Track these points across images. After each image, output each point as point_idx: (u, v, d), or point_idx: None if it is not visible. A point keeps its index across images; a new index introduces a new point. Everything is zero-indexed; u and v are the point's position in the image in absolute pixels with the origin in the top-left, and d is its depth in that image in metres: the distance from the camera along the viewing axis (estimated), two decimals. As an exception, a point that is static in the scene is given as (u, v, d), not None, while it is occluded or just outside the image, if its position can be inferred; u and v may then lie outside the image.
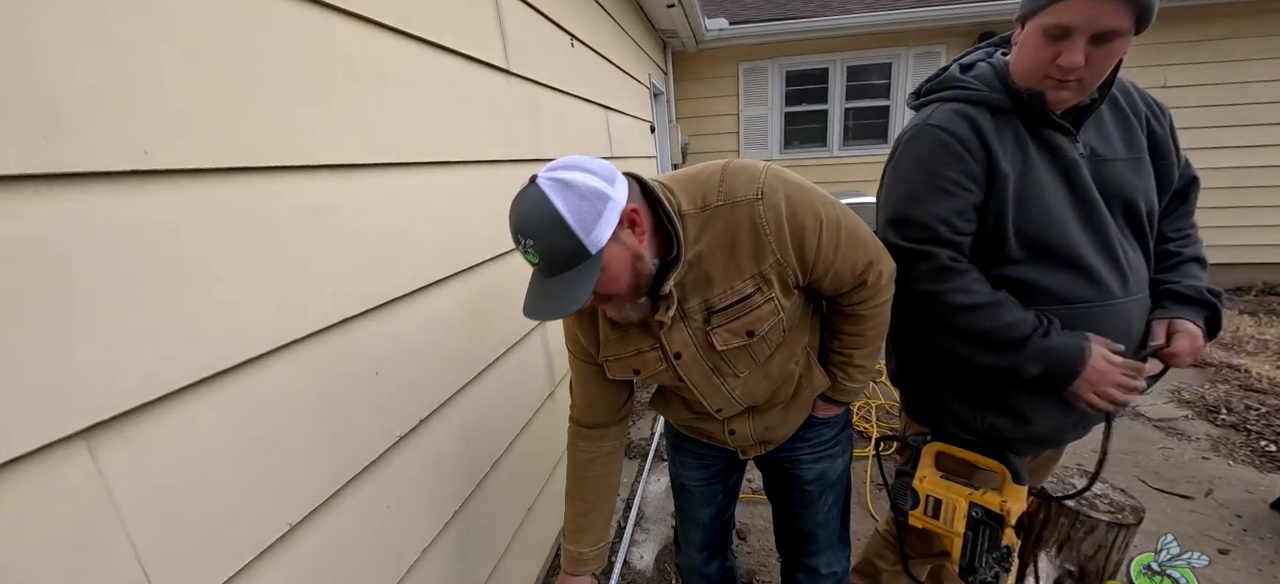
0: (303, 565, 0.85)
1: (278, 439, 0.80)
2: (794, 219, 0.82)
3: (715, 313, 0.86)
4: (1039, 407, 1.01)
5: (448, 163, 1.25)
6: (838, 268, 0.87)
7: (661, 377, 0.98)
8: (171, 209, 0.65)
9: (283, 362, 0.81)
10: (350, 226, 0.94)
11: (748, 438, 1.07)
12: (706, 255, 0.84)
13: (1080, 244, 0.93)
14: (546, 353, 1.85)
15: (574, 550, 1.10)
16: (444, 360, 1.22)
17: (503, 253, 1.50)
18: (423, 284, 1.14)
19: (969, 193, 0.94)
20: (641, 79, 3.62)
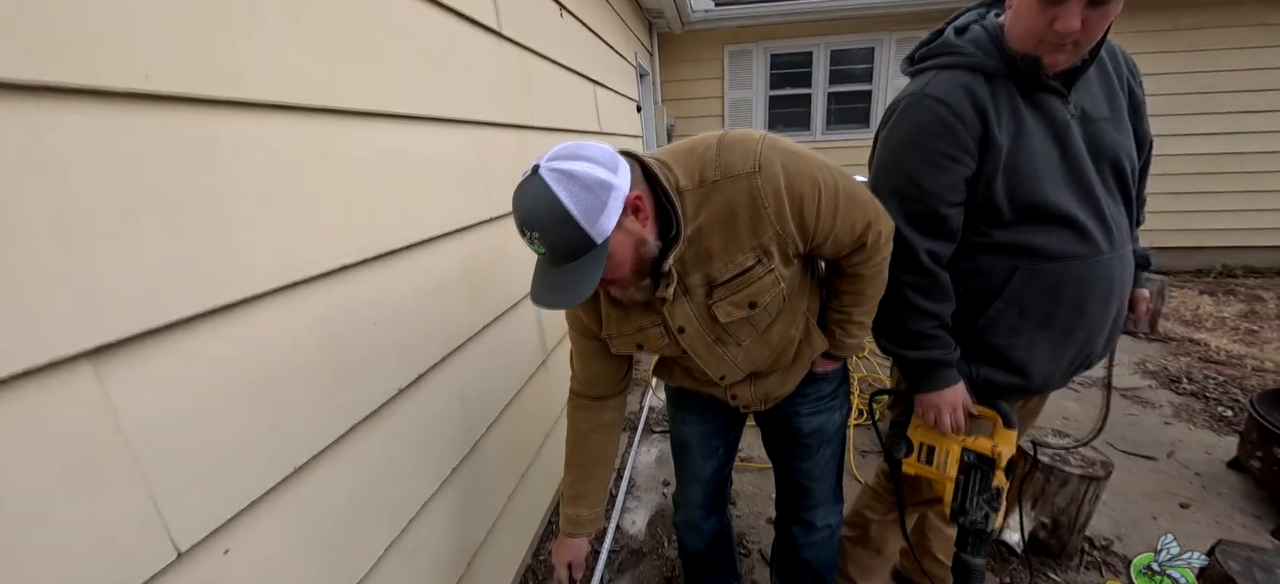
0: (307, 508, 0.85)
1: (282, 379, 0.80)
2: (792, 190, 0.82)
3: (717, 286, 0.87)
4: (1036, 357, 1.05)
5: (442, 119, 1.24)
6: (837, 233, 0.88)
7: (665, 350, 1.00)
8: (175, 137, 0.64)
9: (286, 302, 0.80)
10: (349, 174, 0.93)
11: (750, 399, 1.10)
12: (706, 230, 0.84)
13: (1070, 203, 0.95)
14: (538, 324, 1.86)
15: (573, 514, 1.13)
16: (440, 319, 1.22)
17: (496, 217, 1.49)
18: (419, 239, 1.13)
19: (962, 166, 0.95)
20: (628, 57, 3.61)
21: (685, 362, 1.05)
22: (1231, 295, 4.22)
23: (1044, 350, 1.04)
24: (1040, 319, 1.02)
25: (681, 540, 1.44)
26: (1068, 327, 1.02)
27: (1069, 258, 0.97)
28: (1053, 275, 0.99)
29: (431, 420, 1.19)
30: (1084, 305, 1.01)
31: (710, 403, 1.20)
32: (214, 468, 0.70)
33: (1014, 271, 1.00)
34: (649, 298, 0.89)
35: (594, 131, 2.62)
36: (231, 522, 0.72)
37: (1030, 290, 1.00)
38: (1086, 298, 1.00)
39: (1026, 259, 0.99)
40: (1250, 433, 1.97)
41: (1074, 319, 1.01)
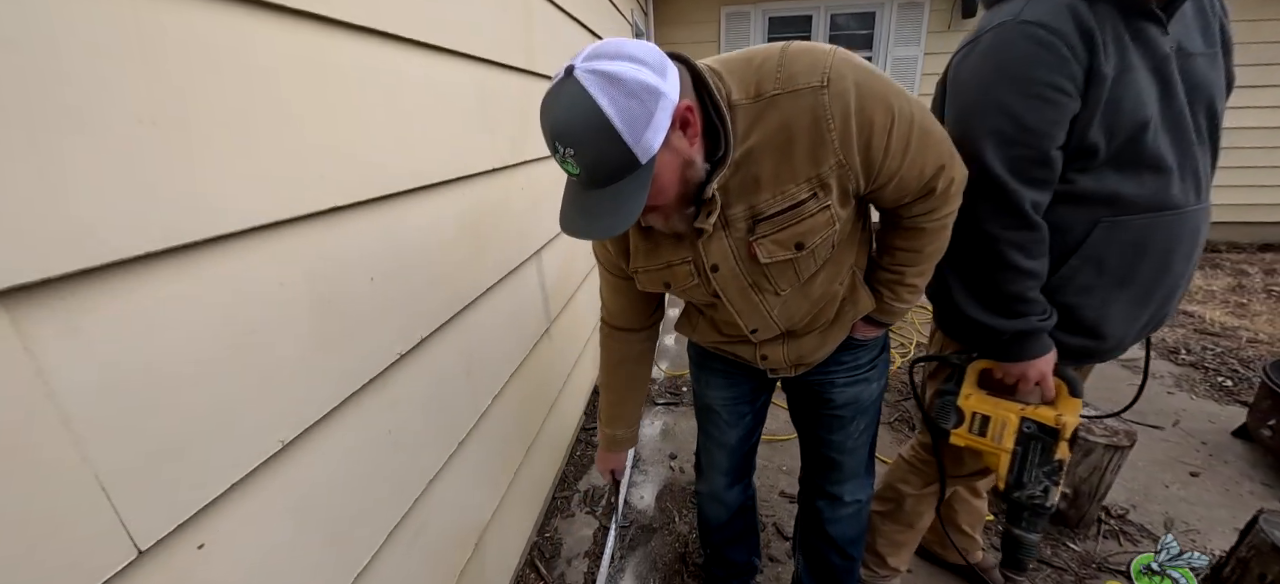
0: (300, 491, 0.72)
1: (263, 338, 0.66)
2: (862, 113, 0.69)
3: (761, 221, 0.76)
4: (1110, 318, 0.96)
5: (440, 49, 1.08)
6: (904, 174, 0.75)
7: (693, 292, 0.89)
8: (111, 26, 0.49)
9: (267, 245, 0.66)
10: (339, 98, 0.78)
11: (780, 362, 0.99)
12: (757, 154, 0.72)
13: (1165, 147, 0.86)
14: (542, 288, 1.72)
15: (610, 433, 1.17)
16: (441, 277, 1.08)
17: (497, 168, 1.35)
18: (417, 185, 0.99)
19: (1071, 100, 0.82)
20: (624, 14, 3.41)
21: (714, 312, 0.95)
22: (1218, 269, 4.27)
23: (1120, 311, 0.95)
24: (1119, 278, 0.93)
25: (702, 512, 1.35)
26: (1148, 286, 0.93)
27: (1161, 209, 0.88)
28: (1139, 229, 0.89)
29: (437, 389, 1.06)
30: (1169, 263, 0.92)
31: (737, 366, 1.10)
32: (181, 442, 0.56)
33: (1095, 225, 0.90)
34: (686, 229, 0.78)
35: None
36: (207, 510, 0.59)
37: (1112, 246, 0.91)
38: (1172, 255, 0.91)
39: (1111, 210, 0.89)
40: (1262, 401, 1.96)
41: (1156, 278, 0.93)
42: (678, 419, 2.36)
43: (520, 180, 1.51)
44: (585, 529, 1.77)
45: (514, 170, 1.46)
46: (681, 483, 1.97)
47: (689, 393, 2.56)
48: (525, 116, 1.55)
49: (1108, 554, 1.58)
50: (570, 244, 2.04)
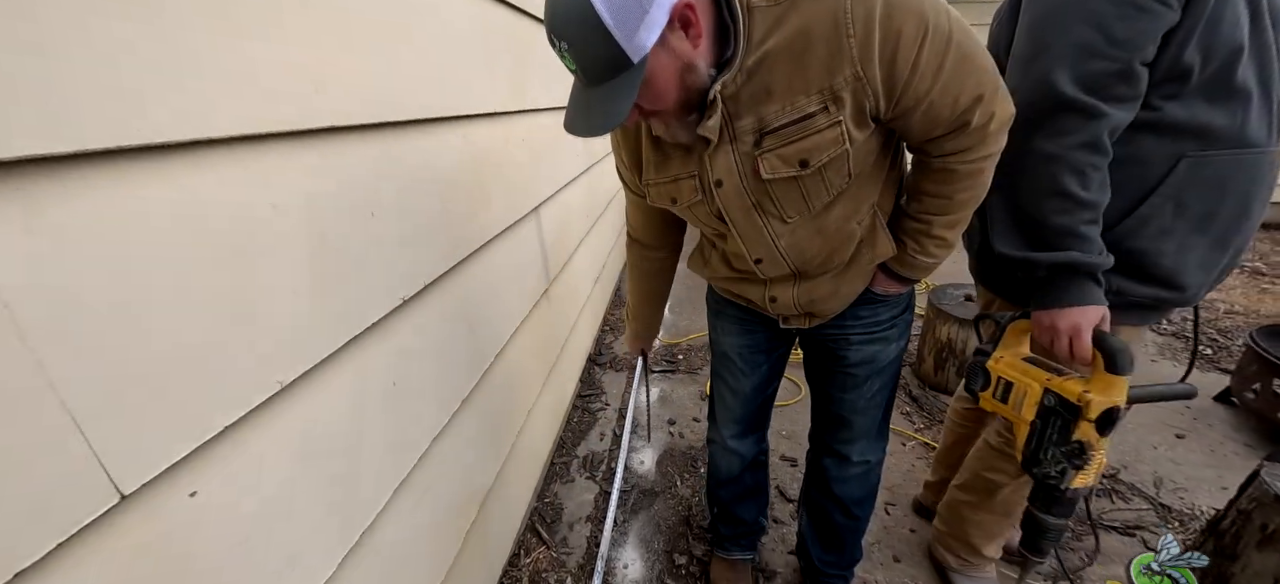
0: (300, 439, 0.66)
1: (255, 265, 0.59)
2: (889, 21, 0.63)
3: (768, 134, 0.71)
4: (1187, 265, 0.87)
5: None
6: (934, 99, 0.68)
7: (698, 211, 0.84)
8: None
9: (259, 159, 0.58)
10: (333, 4, 0.69)
11: (790, 307, 0.93)
12: (771, 61, 0.67)
13: (1251, 78, 0.78)
14: (541, 245, 1.65)
15: (636, 328, 1.25)
16: (445, 221, 1.00)
17: (497, 112, 1.26)
18: (419, 116, 0.91)
19: (1169, 10, 0.73)
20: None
21: (724, 242, 0.90)
22: (1193, 245, 4.40)
23: (1198, 258, 0.87)
24: (1199, 219, 0.85)
25: (713, 462, 1.31)
26: (1227, 231, 0.85)
27: (1246, 146, 0.80)
28: (1222, 167, 0.82)
29: (441, 341, 0.99)
30: (1248, 206, 0.84)
31: (752, 315, 1.04)
32: (165, 376, 0.49)
33: (1179, 160, 0.82)
34: (689, 138, 0.75)
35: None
36: (199, 453, 0.52)
37: (1194, 184, 0.83)
38: (1252, 198, 0.84)
39: (1198, 144, 0.81)
40: (1248, 365, 2.01)
41: (1235, 223, 0.85)
42: (675, 386, 2.33)
43: (520, 130, 1.43)
44: (586, 494, 1.73)
45: (514, 118, 1.38)
46: (681, 448, 1.94)
47: (685, 360, 2.52)
48: (524, 63, 1.46)
49: (1102, 510, 1.62)
50: (569, 203, 1.96)
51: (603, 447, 1.96)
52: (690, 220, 0.91)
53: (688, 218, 0.89)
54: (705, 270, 1.03)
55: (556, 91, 1.76)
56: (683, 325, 2.87)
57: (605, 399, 2.24)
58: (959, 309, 2.07)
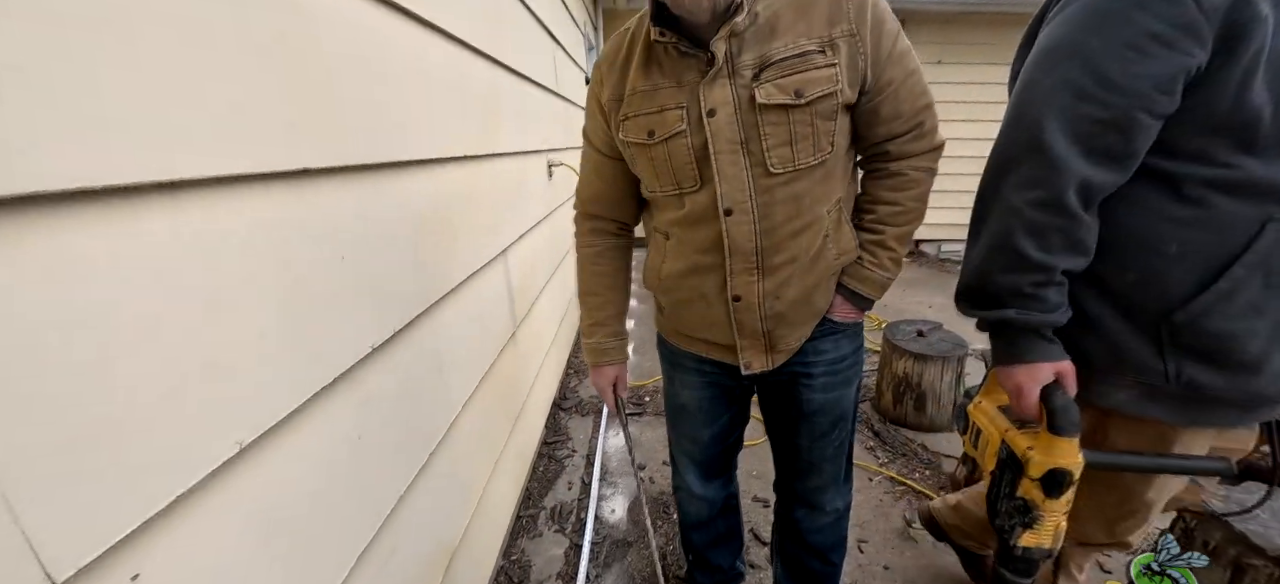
0: (258, 505, 0.60)
1: (219, 312, 0.54)
2: (877, 10, 0.79)
3: (769, 66, 0.78)
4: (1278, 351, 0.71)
5: (421, 19, 0.98)
6: (901, 88, 0.81)
7: (675, 145, 0.84)
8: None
9: (224, 200, 0.55)
10: (310, 44, 0.68)
11: (753, 301, 0.90)
12: (778, 10, 0.79)
13: None
14: (508, 288, 1.62)
15: (593, 343, 1.07)
16: (415, 265, 0.97)
17: (468, 156, 1.25)
18: (392, 159, 0.88)
19: (1182, 54, 0.64)
20: (579, 26, 3.39)
21: (689, 200, 0.87)
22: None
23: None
24: None
25: (681, 509, 1.28)
26: None
27: None
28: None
29: (409, 390, 0.94)
30: None
31: (710, 364, 1.02)
32: (112, 441, 0.44)
33: (1266, 223, 0.68)
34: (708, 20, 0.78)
35: (551, 89, 2.39)
36: (145, 528, 0.46)
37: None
38: None
39: (1257, 214, 0.68)
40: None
41: None
42: (643, 428, 2.29)
43: (488, 173, 1.42)
44: (555, 549, 1.65)
45: (482, 162, 1.37)
46: (652, 494, 1.90)
47: (653, 402, 2.50)
48: (493, 109, 1.46)
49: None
50: (534, 246, 1.95)
51: (571, 496, 1.88)
52: (650, 167, 0.88)
53: (649, 165, 0.88)
54: (661, 270, 0.97)
55: (521, 138, 1.78)
56: (648, 367, 2.85)
57: (572, 446, 2.18)
58: (912, 344, 2.17)
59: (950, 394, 2.16)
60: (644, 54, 0.85)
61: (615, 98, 0.89)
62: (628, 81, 0.86)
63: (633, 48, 0.87)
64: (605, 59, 0.91)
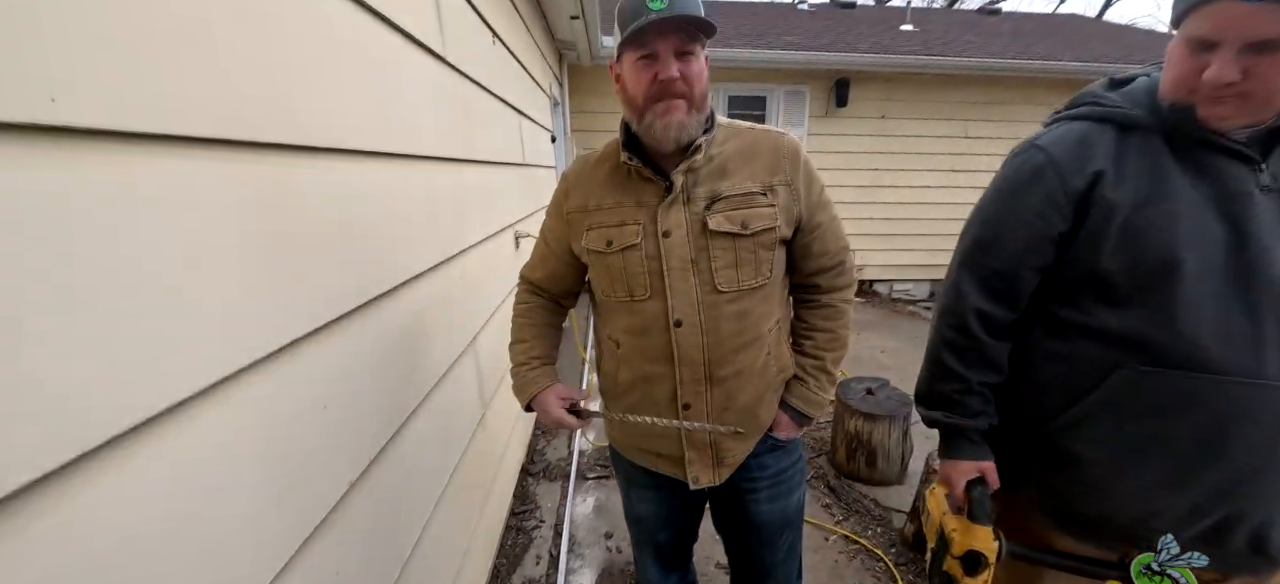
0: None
1: (214, 506, 0.59)
2: (808, 165, 0.97)
3: (719, 200, 0.92)
4: (1123, 489, 0.82)
5: (390, 155, 1.07)
6: (829, 230, 0.99)
7: (630, 256, 0.93)
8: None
9: (220, 402, 0.61)
10: (295, 221, 0.75)
11: (702, 411, 0.97)
12: (727, 155, 0.94)
13: (1228, 295, 0.73)
14: (478, 373, 1.67)
15: (525, 375, 1.08)
16: (389, 388, 1.03)
17: (438, 264, 1.32)
18: (368, 298, 0.95)
19: (1047, 225, 0.83)
20: (543, 87, 3.52)
21: (638, 309, 0.95)
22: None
23: (1137, 485, 0.81)
24: (1142, 441, 0.80)
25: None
26: (1187, 467, 0.78)
27: (1207, 371, 0.74)
28: (1175, 389, 0.76)
29: (380, 511, 0.99)
30: (1224, 444, 0.75)
31: (663, 480, 1.09)
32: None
33: (1113, 369, 0.79)
34: (659, 192, 0.92)
35: (518, 163, 2.49)
36: None
37: (1134, 400, 0.79)
38: (1230, 433, 0.74)
39: (1136, 357, 0.78)
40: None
41: (1200, 459, 0.77)
42: (610, 494, 2.34)
43: (458, 270, 1.49)
44: (524, 630, 1.67)
45: (453, 262, 1.44)
46: (620, 563, 1.94)
47: (619, 464, 2.55)
48: (463, 206, 1.54)
49: None
50: (503, 317, 2.00)
51: (540, 571, 1.91)
52: (607, 274, 0.96)
53: (606, 271, 0.96)
54: (617, 380, 1.03)
55: (488, 223, 1.86)
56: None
57: (540, 515, 2.20)
58: (862, 403, 2.32)
59: (899, 449, 2.31)
60: (610, 174, 0.97)
61: (580, 208, 0.99)
62: (594, 195, 0.98)
63: (599, 168, 1.00)
64: (573, 174, 1.03)
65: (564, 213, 1.02)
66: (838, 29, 6.46)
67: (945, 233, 5.85)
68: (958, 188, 5.71)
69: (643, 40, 0.84)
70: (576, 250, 1.02)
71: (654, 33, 0.83)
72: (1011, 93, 5.46)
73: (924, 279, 6.06)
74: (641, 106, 0.88)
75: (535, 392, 1.06)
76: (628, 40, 0.84)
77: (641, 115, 0.88)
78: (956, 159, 5.64)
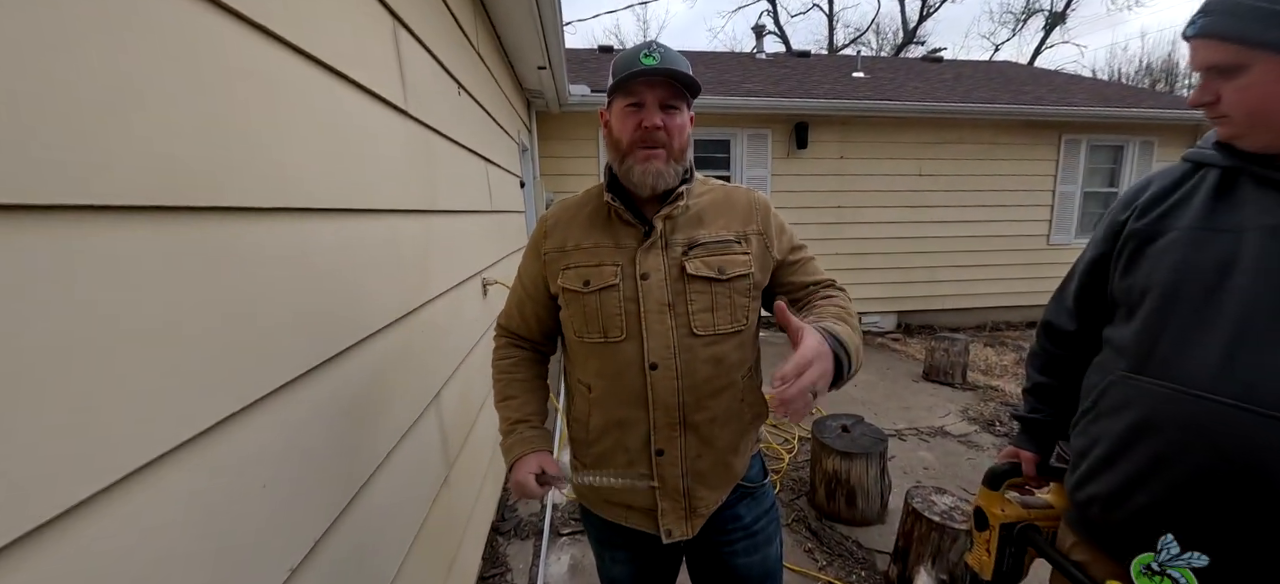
0: None
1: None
2: (778, 218, 1.03)
3: (696, 246, 0.95)
4: (1095, 481, 0.88)
5: (349, 211, 1.03)
6: (810, 263, 1.04)
7: (607, 296, 0.94)
8: None
9: (146, 486, 0.54)
10: (234, 286, 0.70)
11: (675, 465, 0.95)
12: (703, 207, 0.99)
13: (1186, 314, 0.78)
14: (441, 430, 1.59)
15: (515, 438, 1.03)
16: (342, 455, 0.96)
17: (401, 317, 1.27)
18: (319, 360, 0.89)
19: (1099, 252, 0.95)
20: (512, 134, 3.54)
21: (613, 352, 0.93)
22: (1004, 347, 5.36)
23: (1106, 481, 0.87)
24: (1110, 447, 0.86)
25: None
26: (1139, 470, 0.82)
27: (1149, 377, 0.81)
28: (1131, 394, 0.83)
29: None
30: (1166, 449, 0.79)
31: (638, 538, 1.04)
32: None
33: (1113, 382, 0.87)
34: (637, 236, 0.96)
35: (486, 210, 2.47)
36: None
37: (1110, 404, 0.87)
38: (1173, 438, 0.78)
39: (1125, 365, 0.86)
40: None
41: (1150, 468, 0.81)
42: (585, 550, 2.23)
43: (422, 320, 1.44)
44: (494, 710, 1.54)
45: (416, 314, 1.39)
46: (597, 627, 1.83)
47: (595, 517, 2.45)
48: (428, 255, 1.50)
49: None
50: (469, 369, 1.93)
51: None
52: (582, 314, 0.95)
53: (581, 311, 0.95)
54: (588, 426, 1.00)
55: (455, 272, 1.81)
56: (590, 474, 2.81)
57: (511, 579, 2.08)
58: (838, 442, 2.31)
59: (878, 487, 2.29)
60: (592, 217, 1.00)
61: (558, 248, 1.00)
62: (573, 236, 1.00)
63: (580, 211, 1.02)
64: (552, 216, 1.04)
65: (542, 253, 1.02)
66: (795, 77, 6.78)
67: (908, 265, 6.06)
68: (917, 222, 5.96)
69: (632, 89, 0.90)
70: (553, 290, 1.01)
71: (643, 83, 0.89)
72: (958, 132, 5.80)
73: (891, 311, 6.22)
74: (624, 151, 0.92)
75: (529, 453, 1.00)
76: (618, 87, 0.90)
77: (623, 159, 0.93)
78: (913, 196, 5.90)
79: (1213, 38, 0.73)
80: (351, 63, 1.05)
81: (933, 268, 6.13)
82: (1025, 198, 6.06)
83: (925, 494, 1.98)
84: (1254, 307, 0.73)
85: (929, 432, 3.29)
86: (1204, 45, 0.74)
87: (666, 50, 0.90)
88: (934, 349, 4.32)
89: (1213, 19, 0.73)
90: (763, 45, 8.62)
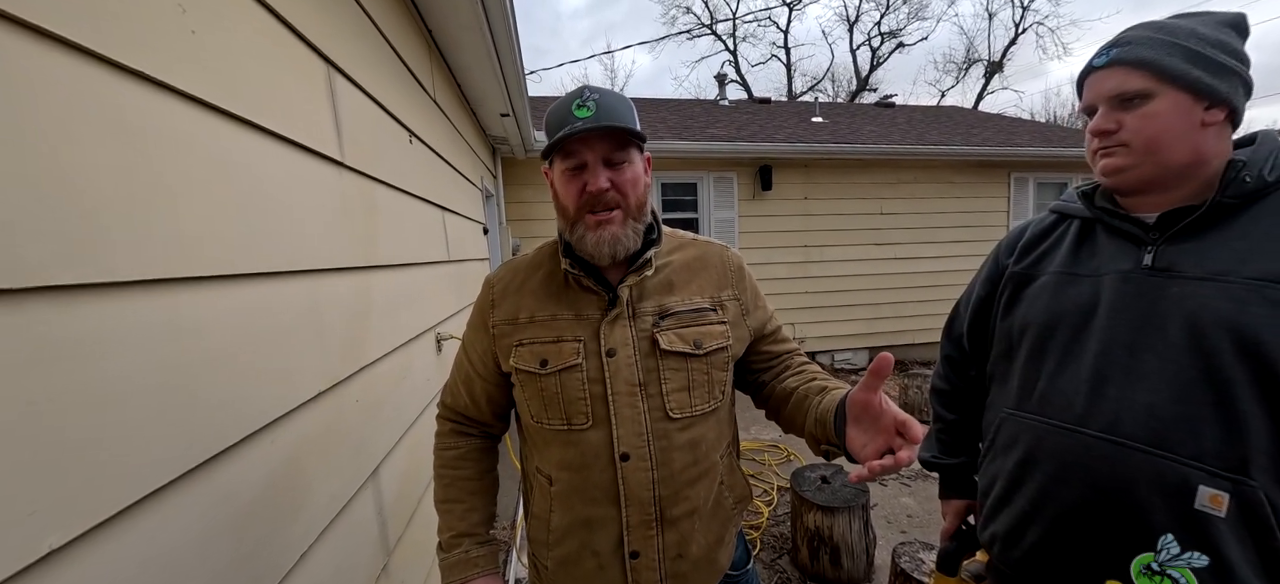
0: None
1: None
2: (751, 279, 0.97)
3: (668, 316, 0.86)
4: (1003, 515, 0.92)
5: (254, 275, 0.90)
6: (782, 329, 1.00)
7: (568, 378, 0.82)
8: None
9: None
10: (74, 384, 0.56)
11: (653, 568, 0.85)
12: (674, 268, 0.90)
13: (1053, 350, 0.85)
14: (379, 513, 1.41)
15: (457, 556, 0.91)
16: (238, 566, 0.80)
17: (331, 387, 1.12)
18: (204, 458, 0.74)
19: (977, 292, 1.04)
20: (474, 181, 3.46)
21: (577, 439, 0.82)
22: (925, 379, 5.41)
23: (1012, 513, 0.90)
24: (1008, 482, 0.90)
25: None
26: (1034, 503, 0.87)
27: (1030, 414, 0.88)
28: (1018, 429, 0.89)
29: None
30: (1048, 483, 0.84)
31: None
32: None
33: (1006, 418, 0.94)
34: (600, 304, 0.85)
35: (442, 261, 2.34)
36: None
37: (1002, 439, 0.94)
38: (1052, 472, 0.84)
39: (1011, 403, 0.93)
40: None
41: (1038, 492, 0.86)
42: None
43: (355, 392, 1.28)
44: None
45: (347, 383, 1.24)
46: None
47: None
48: (365, 316, 1.37)
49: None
50: (416, 440, 1.76)
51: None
52: (539, 398, 0.84)
53: (538, 395, 0.83)
54: (550, 527, 0.88)
55: (402, 330, 1.67)
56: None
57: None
58: (818, 495, 2.20)
59: (862, 543, 2.18)
60: (545, 282, 0.87)
61: (509, 320, 0.88)
62: (526, 307, 0.87)
63: (532, 275, 0.89)
64: (500, 281, 0.91)
65: (489, 327, 0.90)
66: (758, 122, 6.99)
67: (876, 302, 6.15)
68: (882, 259, 6.09)
69: (570, 150, 0.79)
70: (505, 368, 0.88)
71: (580, 142, 0.77)
72: (914, 173, 6.02)
73: (863, 347, 6.25)
74: (573, 217, 0.81)
75: (475, 577, 0.90)
76: (554, 148, 0.78)
77: (573, 226, 0.81)
78: (876, 233, 6.05)
79: (1127, 65, 0.77)
80: (264, 111, 0.94)
81: (899, 303, 6.24)
82: (981, 233, 6.28)
83: (913, 551, 1.88)
84: (1112, 343, 0.79)
85: (909, 475, 3.21)
86: (1116, 73, 0.78)
87: (603, 96, 0.79)
88: (908, 387, 4.32)
89: (1129, 49, 0.77)
90: (725, 92, 8.90)
